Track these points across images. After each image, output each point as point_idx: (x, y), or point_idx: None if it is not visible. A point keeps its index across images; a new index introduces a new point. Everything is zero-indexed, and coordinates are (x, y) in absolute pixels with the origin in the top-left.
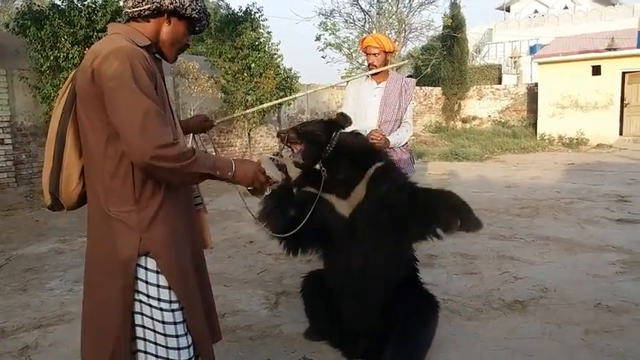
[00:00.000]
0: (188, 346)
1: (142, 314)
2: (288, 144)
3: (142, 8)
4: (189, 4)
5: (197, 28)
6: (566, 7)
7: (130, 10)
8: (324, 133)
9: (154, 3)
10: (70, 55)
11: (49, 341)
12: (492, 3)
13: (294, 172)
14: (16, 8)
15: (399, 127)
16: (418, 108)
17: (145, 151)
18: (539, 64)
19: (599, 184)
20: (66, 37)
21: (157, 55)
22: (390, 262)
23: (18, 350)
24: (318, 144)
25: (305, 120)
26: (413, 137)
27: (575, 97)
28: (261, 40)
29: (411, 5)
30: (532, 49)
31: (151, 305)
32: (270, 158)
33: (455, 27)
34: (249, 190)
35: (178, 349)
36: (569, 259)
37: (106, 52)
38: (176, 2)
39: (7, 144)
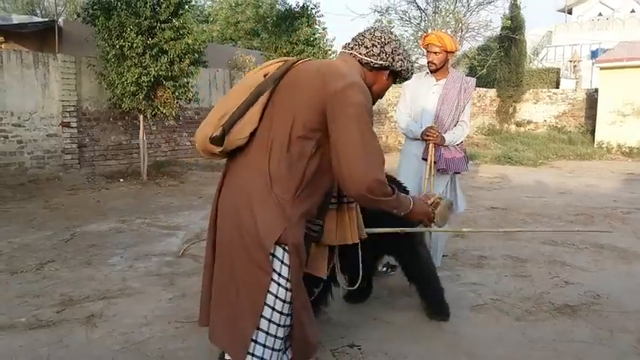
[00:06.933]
0: (289, 326)
1: (268, 291)
2: None
3: (373, 61)
4: (407, 66)
5: (398, 80)
6: (633, 11)
7: (360, 56)
8: None
9: (386, 61)
10: (134, 45)
11: (113, 312)
12: (553, 5)
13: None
14: None
15: (455, 125)
16: (471, 109)
17: (364, 181)
18: (601, 68)
19: None
20: (131, 27)
21: None
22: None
23: (85, 317)
24: None
25: None
26: (465, 138)
27: (638, 104)
28: (316, 36)
29: (469, 4)
30: (594, 54)
31: (279, 284)
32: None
33: (513, 28)
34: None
35: (284, 326)
36: (623, 267)
37: (353, 81)
38: (403, 67)
39: (72, 127)
